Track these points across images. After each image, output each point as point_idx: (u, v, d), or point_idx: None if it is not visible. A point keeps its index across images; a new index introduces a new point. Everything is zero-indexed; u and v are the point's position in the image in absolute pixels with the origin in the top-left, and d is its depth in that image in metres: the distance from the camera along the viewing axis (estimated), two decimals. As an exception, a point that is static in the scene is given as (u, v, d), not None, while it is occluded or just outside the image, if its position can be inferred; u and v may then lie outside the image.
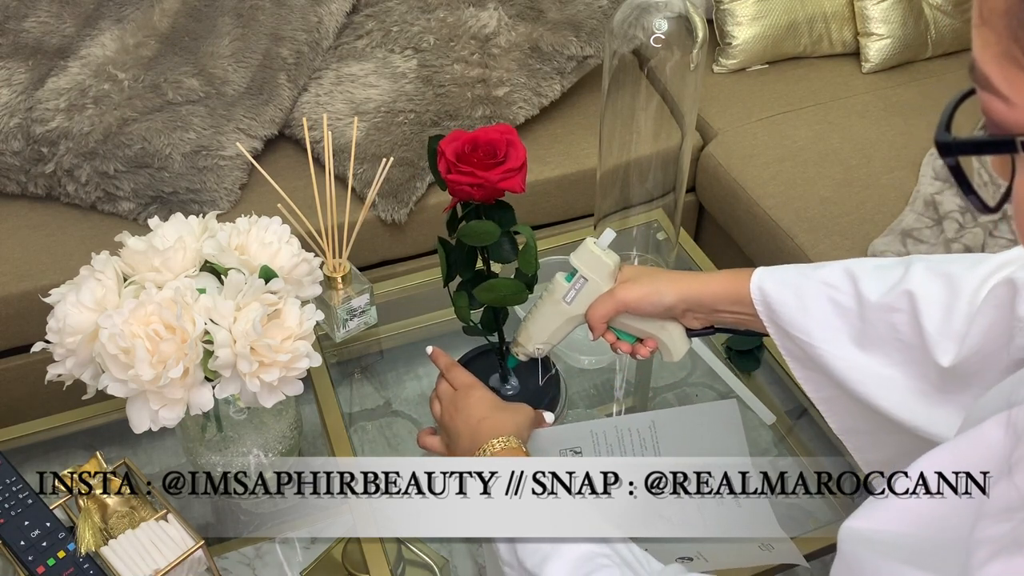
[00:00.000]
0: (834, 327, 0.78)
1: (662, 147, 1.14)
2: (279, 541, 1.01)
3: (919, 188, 1.66)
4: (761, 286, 0.82)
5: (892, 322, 0.74)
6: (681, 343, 0.91)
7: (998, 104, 0.41)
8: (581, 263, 0.90)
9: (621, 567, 0.67)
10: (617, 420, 1.09)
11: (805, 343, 0.80)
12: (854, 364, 0.77)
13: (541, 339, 0.94)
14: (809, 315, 0.79)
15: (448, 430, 0.88)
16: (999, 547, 0.44)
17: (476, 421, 0.85)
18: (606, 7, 1.77)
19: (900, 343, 0.74)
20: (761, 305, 0.82)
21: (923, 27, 1.98)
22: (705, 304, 0.86)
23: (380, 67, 1.74)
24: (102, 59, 1.64)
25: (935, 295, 0.73)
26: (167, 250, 0.85)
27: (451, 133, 0.84)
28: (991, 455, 0.48)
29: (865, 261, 0.80)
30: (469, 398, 0.88)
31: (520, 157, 0.83)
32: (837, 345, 0.78)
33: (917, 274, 0.75)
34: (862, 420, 0.80)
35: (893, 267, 0.77)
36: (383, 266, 1.68)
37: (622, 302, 0.87)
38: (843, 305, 0.78)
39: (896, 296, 0.74)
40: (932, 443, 0.73)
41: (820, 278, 0.80)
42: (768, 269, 0.83)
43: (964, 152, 0.42)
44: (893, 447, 0.79)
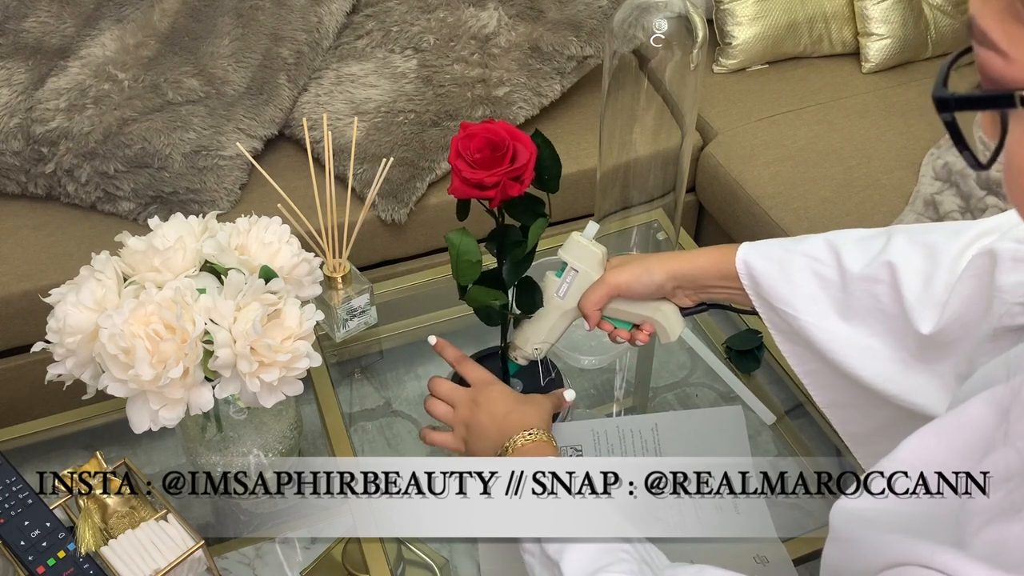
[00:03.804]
0: (817, 299, 0.79)
1: (662, 147, 1.14)
2: (279, 541, 1.01)
3: (919, 188, 1.66)
4: (746, 260, 0.83)
5: (874, 293, 0.75)
6: (676, 322, 0.91)
7: (996, 60, 0.41)
8: (570, 256, 0.90)
9: (639, 563, 0.68)
10: (619, 420, 1.09)
11: (790, 316, 0.80)
12: (836, 335, 0.78)
13: (538, 339, 0.94)
14: (793, 288, 0.80)
15: (470, 426, 0.87)
16: (992, 515, 0.45)
17: (502, 415, 0.85)
18: (606, 7, 1.77)
19: (881, 313, 0.75)
20: (747, 279, 0.83)
21: (923, 27, 1.98)
22: (694, 280, 0.87)
23: (380, 67, 1.74)
24: (102, 59, 1.64)
25: (915, 265, 0.73)
26: (167, 250, 0.85)
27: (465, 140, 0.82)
28: (977, 432, 0.50)
29: (847, 233, 0.81)
30: (489, 392, 0.88)
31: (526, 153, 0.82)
32: (820, 317, 0.79)
33: (898, 244, 0.75)
34: (845, 393, 0.81)
35: (875, 238, 0.78)
36: (383, 266, 1.68)
37: (613, 286, 0.88)
38: (826, 277, 0.79)
39: (877, 267, 0.75)
40: (913, 414, 0.74)
41: (803, 251, 0.81)
42: (753, 244, 0.84)
43: (961, 108, 0.43)
44: (876, 420, 0.81)
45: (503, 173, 0.79)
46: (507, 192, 0.80)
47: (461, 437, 0.89)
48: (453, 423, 0.90)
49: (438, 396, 0.92)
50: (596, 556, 0.68)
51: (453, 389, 0.91)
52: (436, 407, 0.92)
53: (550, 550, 0.71)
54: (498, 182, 0.79)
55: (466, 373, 0.92)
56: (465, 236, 0.84)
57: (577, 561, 0.68)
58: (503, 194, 0.80)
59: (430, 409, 0.92)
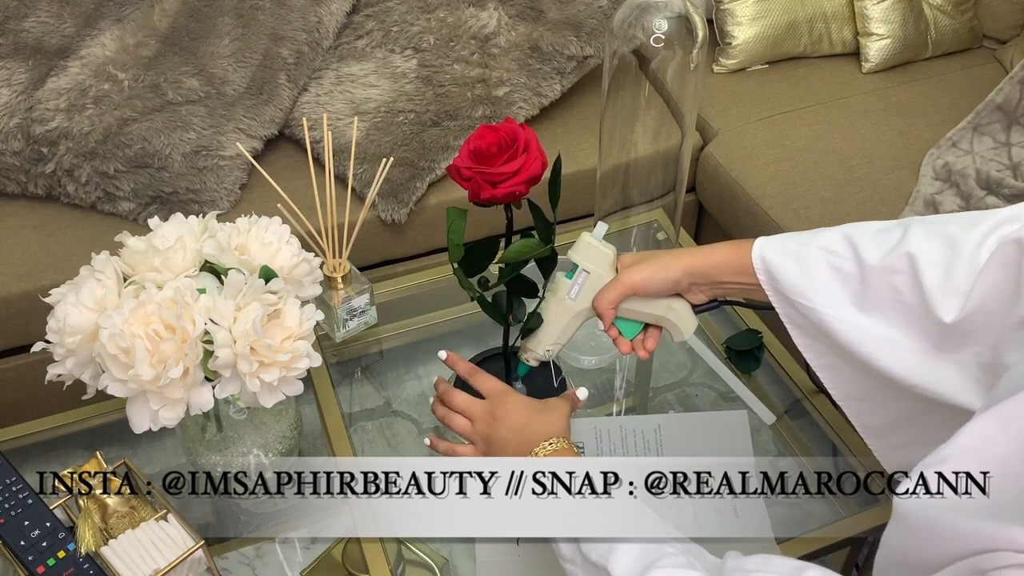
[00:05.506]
0: (836, 292, 0.79)
1: (662, 147, 1.14)
2: (279, 541, 1.01)
3: (919, 188, 1.66)
4: (763, 255, 0.83)
5: (893, 284, 0.75)
6: (689, 320, 0.91)
7: None
8: (581, 257, 0.90)
9: (686, 554, 0.68)
10: (622, 420, 1.09)
11: (808, 309, 0.80)
12: (856, 326, 0.78)
13: (550, 341, 0.94)
14: (811, 281, 0.80)
15: (489, 440, 0.87)
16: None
17: (520, 428, 0.85)
18: (606, 7, 1.77)
19: (901, 304, 0.75)
20: (763, 274, 0.83)
21: (923, 27, 1.98)
22: (709, 276, 0.87)
23: (380, 67, 1.74)
24: (102, 59, 1.64)
25: (935, 255, 0.73)
26: (167, 250, 0.85)
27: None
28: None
29: (863, 225, 0.81)
30: (507, 405, 0.87)
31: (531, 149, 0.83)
32: (839, 309, 0.79)
33: (916, 235, 0.75)
34: (862, 386, 0.82)
35: (891, 230, 0.78)
36: (383, 266, 1.68)
37: (629, 285, 0.88)
38: (844, 270, 0.79)
39: (896, 258, 0.75)
40: (931, 405, 0.74)
41: (820, 244, 0.81)
42: (768, 239, 0.84)
43: None
44: (892, 412, 0.81)
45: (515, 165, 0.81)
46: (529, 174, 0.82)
47: (482, 451, 0.88)
48: (473, 437, 0.89)
49: (453, 408, 0.91)
50: (643, 554, 0.69)
51: (470, 402, 0.90)
52: (455, 421, 0.91)
53: (593, 555, 0.71)
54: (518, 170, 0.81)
55: (479, 386, 0.91)
56: (459, 217, 0.85)
57: (624, 562, 0.69)
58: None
59: (449, 423, 0.91)
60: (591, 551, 0.72)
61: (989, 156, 1.67)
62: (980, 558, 0.46)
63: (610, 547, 0.70)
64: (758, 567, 0.63)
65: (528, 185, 0.82)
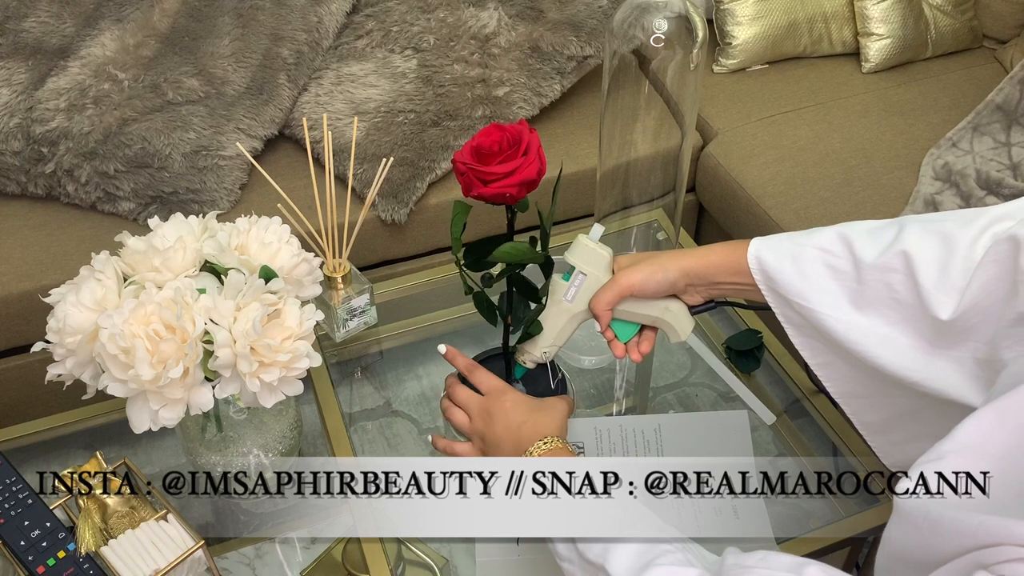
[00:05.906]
0: (832, 291, 0.79)
1: (662, 147, 1.14)
2: (279, 541, 1.01)
3: (919, 188, 1.66)
4: (758, 255, 0.83)
5: (889, 282, 0.76)
6: (686, 321, 0.91)
7: None
8: (577, 259, 0.90)
9: (685, 552, 0.68)
10: (623, 419, 1.09)
11: (804, 308, 0.81)
12: (853, 325, 0.78)
13: (547, 342, 0.94)
14: (807, 280, 0.80)
15: (485, 438, 0.87)
16: None
17: (516, 427, 0.85)
18: (606, 7, 1.77)
19: (897, 302, 0.76)
20: (759, 274, 0.83)
21: (923, 27, 1.98)
22: (705, 276, 0.87)
23: (380, 67, 1.74)
24: (102, 59, 1.64)
25: (930, 252, 0.74)
26: (167, 250, 0.85)
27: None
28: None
29: (858, 224, 0.81)
30: (503, 403, 0.87)
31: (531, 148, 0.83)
32: (835, 308, 0.79)
33: (911, 233, 0.76)
34: (860, 384, 0.82)
35: (886, 228, 0.79)
36: (383, 266, 1.68)
37: (626, 286, 0.88)
38: (839, 269, 0.79)
39: (891, 256, 0.75)
40: (930, 402, 0.74)
41: (815, 244, 0.81)
42: (764, 239, 0.85)
43: None
44: (891, 408, 0.81)
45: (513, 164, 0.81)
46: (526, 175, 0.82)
47: (479, 448, 0.89)
48: (470, 433, 0.90)
49: (455, 401, 0.91)
50: (641, 552, 0.69)
51: (470, 397, 0.90)
52: (455, 415, 0.91)
53: (590, 554, 0.72)
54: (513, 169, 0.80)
55: (478, 382, 0.91)
56: (461, 211, 0.85)
57: (623, 560, 0.69)
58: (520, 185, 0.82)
59: (449, 416, 0.92)
60: (588, 550, 0.72)
61: (989, 156, 1.67)
62: (982, 552, 0.46)
63: (607, 546, 0.71)
64: (758, 563, 0.63)
65: (522, 188, 0.82)
